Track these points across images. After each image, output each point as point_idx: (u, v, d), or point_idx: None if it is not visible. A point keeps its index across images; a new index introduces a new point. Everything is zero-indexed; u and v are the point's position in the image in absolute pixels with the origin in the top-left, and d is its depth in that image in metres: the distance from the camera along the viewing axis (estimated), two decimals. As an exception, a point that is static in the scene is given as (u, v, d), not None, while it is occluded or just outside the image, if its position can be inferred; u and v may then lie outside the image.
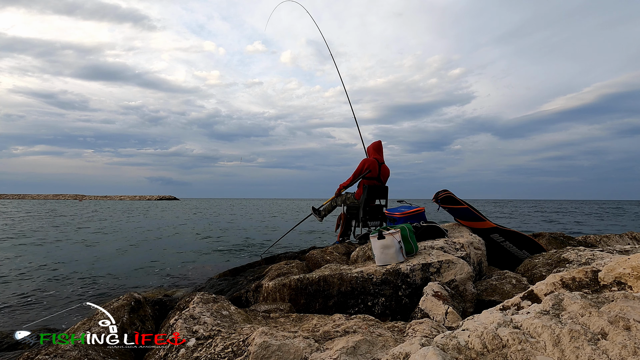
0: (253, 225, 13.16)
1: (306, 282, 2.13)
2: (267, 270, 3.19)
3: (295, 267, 2.94)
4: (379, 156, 4.20)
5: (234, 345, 1.32)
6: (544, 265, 2.37)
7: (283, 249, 5.87)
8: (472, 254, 2.49)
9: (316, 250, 3.35)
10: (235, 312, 1.74)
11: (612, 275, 1.37)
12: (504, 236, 3.04)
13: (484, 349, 0.97)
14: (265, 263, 4.00)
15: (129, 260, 5.63)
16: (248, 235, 9.50)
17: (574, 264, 2.20)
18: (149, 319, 1.82)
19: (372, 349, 1.24)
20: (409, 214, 3.16)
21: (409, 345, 1.05)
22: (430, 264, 2.08)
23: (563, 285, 1.46)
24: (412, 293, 2.00)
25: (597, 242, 3.97)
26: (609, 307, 1.05)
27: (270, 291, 2.18)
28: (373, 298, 2.03)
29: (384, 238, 2.19)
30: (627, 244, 3.81)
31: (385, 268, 2.10)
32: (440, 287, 1.85)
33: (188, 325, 1.49)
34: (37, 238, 8.44)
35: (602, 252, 2.23)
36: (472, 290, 2.00)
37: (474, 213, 3.10)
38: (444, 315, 1.62)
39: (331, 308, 2.05)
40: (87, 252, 6.40)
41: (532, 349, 0.92)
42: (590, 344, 0.89)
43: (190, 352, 1.34)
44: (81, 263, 5.39)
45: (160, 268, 5.06)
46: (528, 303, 1.37)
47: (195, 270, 4.88)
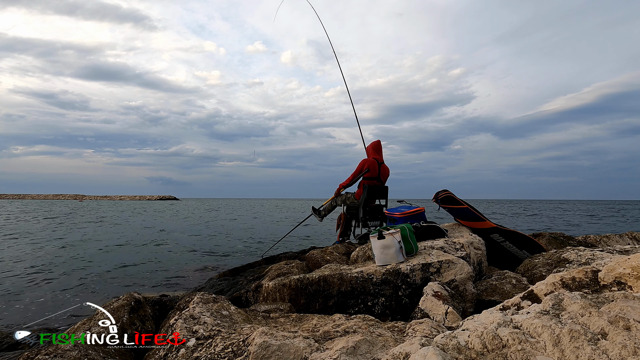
0: (253, 225, 13.15)
1: (306, 282, 2.13)
2: (267, 270, 3.19)
3: (295, 267, 2.94)
4: (379, 156, 4.20)
5: (234, 345, 1.32)
6: (544, 265, 2.37)
7: (283, 249, 5.87)
8: (472, 254, 2.49)
9: (316, 250, 3.35)
10: (235, 312, 1.74)
11: (612, 275, 1.37)
12: (504, 236, 3.04)
13: (484, 349, 0.97)
14: (265, 263, 4.00)
15: (129, 260, 5.63)
16: (248, 235, 9.50)
17: (574, 264, 2.20)
18: (149, 319, 1.82)
19: (372, 349, 1.24)
20: (409, 214, 3.16)
21: (409, 345, 1.05)
22: (430, 264, 2.08)
23: (563, 285, 1.46)
24: (412, 293, 2.00)
25: (597, 242, 3.97)
26: (609, 307, 1.05)
27: (270, 291, 2.18)
28: (373, 298, 2.03)
29: (384, 238, 2.19)
30: (627, 244, 3.81)
31: (385, 268, 2.10)
32: (440, 287, 1.85)
33: (188, 325, 1.49)
34: (36, 238, 8.44)
35: (602, 252, 2.23)
36: (472, 290, 2.00)
37: (474, 213, 3.10)
38: (444, 315, 1.62)
39: (331, 308, 2.05)
40: (87, 252, 6.40)
41: (532, 349, 0.92)
42: (590, 344, 0.89)
43: (190, 352, 1.34)
44: (81, 263, 5.39)
45: (160, 268, 5.06)
46: (528, 303, 1.37)
47: (195, 270, 4.88)
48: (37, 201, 68.74)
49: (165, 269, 4.98)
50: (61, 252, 6.35)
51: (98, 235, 9.25)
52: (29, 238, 8.42)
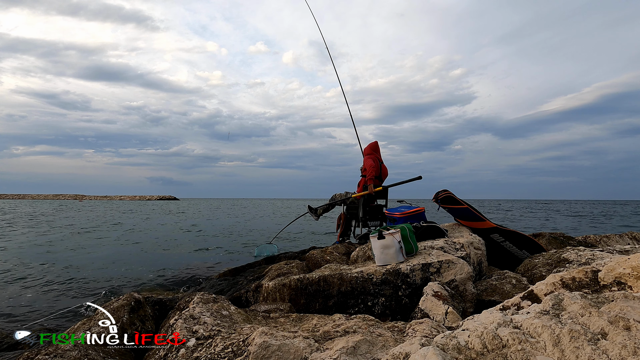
0: (253, 225, 13.15)
1: (306, 282, 2.13)
2: (267, 270, 3.19)
3: (295, 267, 2.94)
4: (379, 156, 4.20)
5: (234, 345, 1.32)
6: (544, 265, 2.37)
7: (283, 249, 5.87)
8: (472, 254, 2.49)
9: (316, 250, 3.35)
10: (235, 312, 1.74)
11: (612, 275, 1.37)
12: (504, 236, 3.04)
13: (484, 349, 0.97)
14: (265, 263, 4.00)
15: (129, 261, 5.63)
16: (248, 235, 9.50)
17: (574, 264, 2.20)
18: (149, 319, 1.82)
19: (372, 349, 1.24)
20: (409, 214, 3.16)
21: (409, 345, 1.05)
22: (430, 264, 2.08)
23: (563, 285, 1.46)
24: (412, 293, 2.00)
25: (597, 242, 3.97)
26: (609, 307, 1.05)
27: (270, 291, 2.18)
28: (373, 298, 2.03)
29: (384, 238, 2.19)
30: (627, 244, 3.81)
31: (385, 268, 2.10)
32: (440, 287, 1.85)
33: (188, 325, 1.49)
34: (36, 238, 8.44)
35: (602, 252, 2.23)
36: (472, 290, 2.00)
37: (474, 213, 3.09)
38: (444, 315, 1.62)
39: (331, 308, 2.05)
40: (87, 252, 6.40)
41: (532, 349, 0.92)
42: (590, 344, 0.89)
43: (190, 352, 1.34)
44: (81, 263, 5.39)
45: (160, 268, 5.05)
46: (528, 303, 1.37)
47: (195, 270, 4.88)
48: (37, 201, 68.74)
49: (165, 269, 4.97)
50: (61, 252, 6.35)
51: (97, 236, 9.25)
52: (28, 238, 8.42)
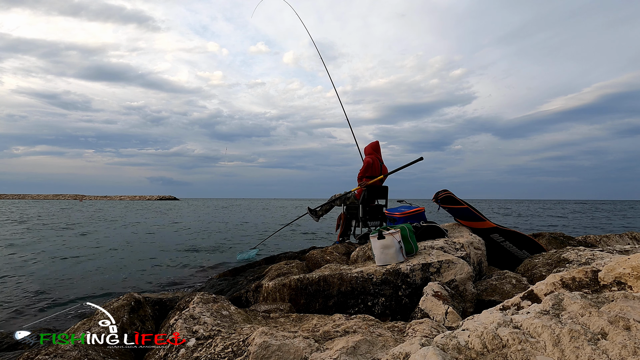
0: (253, 225, 13.15)
1: (306, 282, 2.13)
2: (267, 270, 3.19)
3: (295, 267, 2.94)
4: (379, 155, 4.20)
5: (234, 345, 1.32)
6: (544, 265, 2.37)
7: (283, 249, 5.87)
8: (472, 254, 2.48)
9: (316, 250, 3.35)
10: (235, 312, 1.74)
11: (612, 275, 1.37)
12: (504, 236, 3.04)
13: (484, 349, 0.97)
14: (265, 263, 4.00)
15: (129, 261, 5.63)
16: (248, 235, 9.49)
17: (574, 264, 2.20)
18: (149, 319, 1.82)
19: (372, 349, 1.24)
20: (409, 214, 3.16)
21: (409, 345, 1.05)
22: (430, 264, 2.08)
23: (563, 285, 1.46)
24: (412, 293, 2.00)
25: (597, 242, 3.97)
26: (609, 307, 1.05)
27: (270, 291, 2.18)
28: (373, 298, 2.03)
29: (384, 238, 2.19)
30: (627, 244, 3.81)
31: (385, 268, 2.10)
32: (440, 287, 1.85)
33: (188, 325, 1.49)
34: (36, 238, 8.44)
35: (602, 252, 2.23)
36: (472, 290, 2.00)
37: (474, 213, 3.09)
38: (444, 315, 1.62)
39: (331, 308, 2.05)
40: (87, 252, 6.40)
41: (532, 349, 0.92)
42: (590, 344, 0.89)
43: (190, 352, 1.34)
44: (81, 263, 5.39)
45: (160, 268, 5.06)
46: (528, 303, 1.37)
47: (195, 270, 4.88)
48: (37, 201, 68.73)
49: (165, 269, 4.97)
50: (60, 252, 6.35)
51: (97, 236, 9.25)
52: (28, 238, 8.42)
